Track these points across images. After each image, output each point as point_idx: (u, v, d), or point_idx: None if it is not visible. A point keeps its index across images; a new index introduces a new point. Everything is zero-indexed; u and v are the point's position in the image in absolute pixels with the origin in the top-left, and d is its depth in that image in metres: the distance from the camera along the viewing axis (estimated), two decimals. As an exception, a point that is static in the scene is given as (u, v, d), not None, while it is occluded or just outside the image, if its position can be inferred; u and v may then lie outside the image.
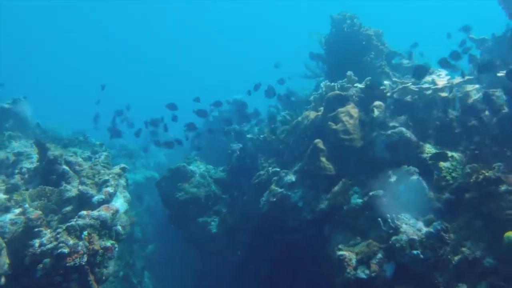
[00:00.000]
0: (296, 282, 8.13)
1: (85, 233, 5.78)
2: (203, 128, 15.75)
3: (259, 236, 8.64)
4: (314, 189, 7.48)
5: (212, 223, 9.46)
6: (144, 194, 16.17)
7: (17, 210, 6.51)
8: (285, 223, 7.67)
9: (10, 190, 7.20)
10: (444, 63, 7.52)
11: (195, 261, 11.55)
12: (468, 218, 5.48)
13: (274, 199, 7.77)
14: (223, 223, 9.46)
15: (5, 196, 6.91)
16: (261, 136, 10.11)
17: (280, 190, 7.80)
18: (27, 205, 6.55)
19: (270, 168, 8.90)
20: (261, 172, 9.06)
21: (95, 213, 6.12)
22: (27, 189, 7.38)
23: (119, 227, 6.76)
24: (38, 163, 7.87)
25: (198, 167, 10.48)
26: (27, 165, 8.25)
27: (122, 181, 8.37)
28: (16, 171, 8.07)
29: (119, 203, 7.62)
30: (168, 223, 10.91)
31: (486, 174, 5.35)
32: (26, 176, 7.85)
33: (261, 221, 8.34)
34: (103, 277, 6.04)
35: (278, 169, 8.58)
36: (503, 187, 5.16)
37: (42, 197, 6.94)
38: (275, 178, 8.32)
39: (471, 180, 5.55)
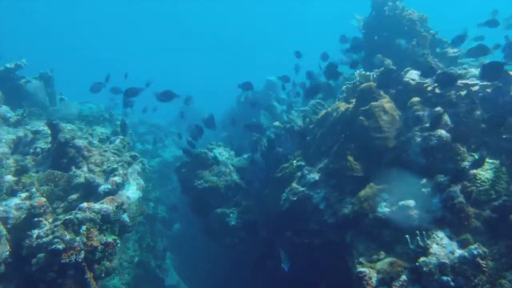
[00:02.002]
0: (315, 285, 7.60)
1: (84, 227, 5.40)
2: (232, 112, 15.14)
3: (278, 233, 8.09)
4: (338, 191, 6.82)
5: (231, 215, 8.94)
6: (172, 174, 15.87)
7: (24, 195, 6.24)
8: (305, 224, 7.09)
9: (20, 172, 6.93)
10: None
11: (212, 251, 11.24)
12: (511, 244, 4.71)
13: (295, 198, 7.18)
14: (242, 216, 8.94)
15: (13, 179, 6.64)
16: (288, 125, 9.44)
17: (301, 189, 7.18)
18: (34, 190, 6.28)
19: (294, 162, 8.29)
20: (285, 165, 8.46)
21: (97, 206, 5.74)
22: (37, 171, 7.12)
23: (127, 219, 6.38)
24: (50, 145, 7.59)
25: (220, 154, 9.96)
26: (42, 145, 8.02)
27: (138, 167, 8.02)
28: (31, 150, 7.85)
29: (132, 191, 7.25)
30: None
31: (538, 194, 4.56)
32: (40, 157, 7.59)
33: (280, 219, 7.78)
34: (103, 274, 5.69)
35: (303, 164, 7.96)
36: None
37: (50, 181, 6.62)
38: (298, 173, 7.70)
39: (519, 199, 4.78)
